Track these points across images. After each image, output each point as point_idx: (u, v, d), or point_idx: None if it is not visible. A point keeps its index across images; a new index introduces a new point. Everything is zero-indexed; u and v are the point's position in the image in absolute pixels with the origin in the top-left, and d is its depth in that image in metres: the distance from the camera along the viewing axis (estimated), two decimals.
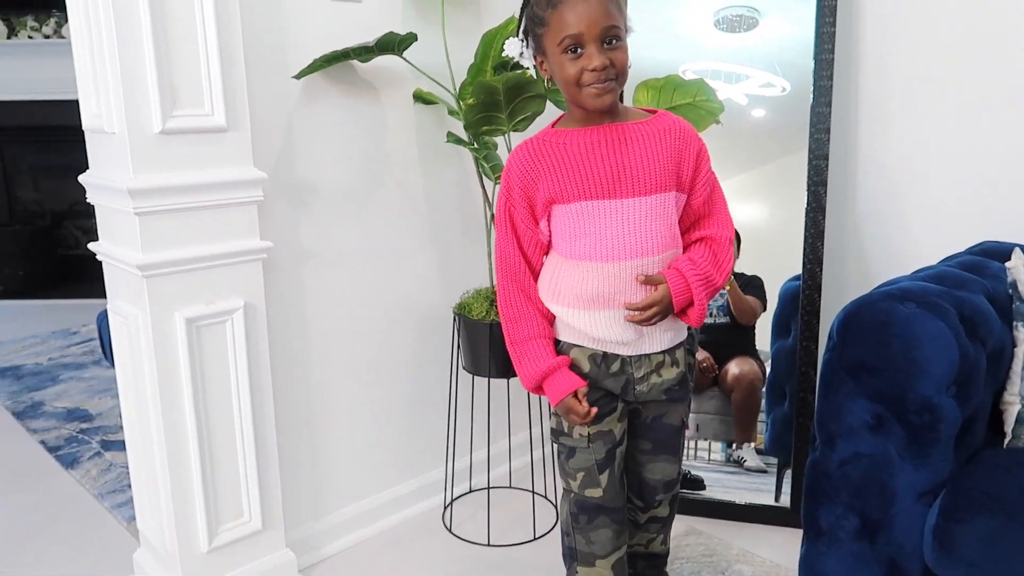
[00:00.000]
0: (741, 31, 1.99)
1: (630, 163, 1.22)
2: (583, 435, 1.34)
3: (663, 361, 1.33)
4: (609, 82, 1.17)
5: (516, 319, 1.31)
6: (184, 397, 1.46)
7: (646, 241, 1.24)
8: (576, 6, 1.14)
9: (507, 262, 1.31)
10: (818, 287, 1.95)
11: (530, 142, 1.26)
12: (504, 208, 1.29)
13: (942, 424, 1.25)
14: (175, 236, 1.41)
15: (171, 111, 1.36)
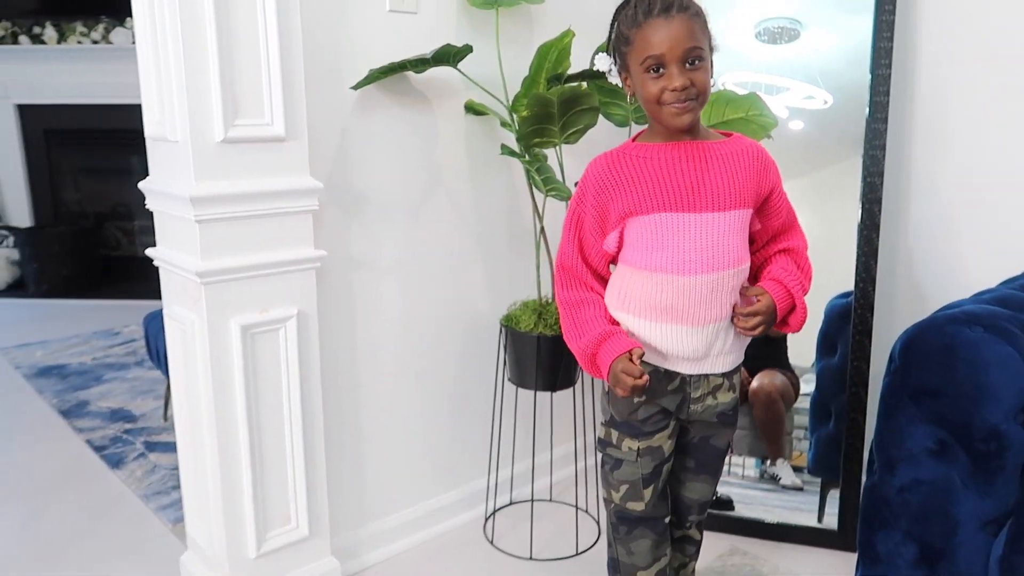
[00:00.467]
0: (783, 43, 1.98)
1: (711, 179, 1.23)
2: (632, 449, 1.34)
3: (721, 384, 1.33)
4: (689, 102, 1.17)
5: (573, 306, 1.30)
6: (237, 403, 1.47)
7: (722, 255, 1.24)
8: (659, 27, 1.15)
9: (566, 263, 1.31)
10: (870, 306, 1.91)
11: (611, 154, 1.27)
12: (575, 214, 1.29)
13: (1009, 452, 1.21)
14: (233, 244, 1.42)
15: (233, 120, 1.38)
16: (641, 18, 1.16)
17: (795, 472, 2.06)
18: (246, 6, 1.36)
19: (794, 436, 2.09)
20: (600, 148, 2.01)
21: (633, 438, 1.34)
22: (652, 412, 1.32)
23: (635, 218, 1.24)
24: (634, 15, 1.18)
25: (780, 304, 1.28)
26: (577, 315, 1.30)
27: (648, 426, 1.33)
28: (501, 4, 1.73)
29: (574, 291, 1.31)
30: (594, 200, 1.26)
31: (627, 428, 1.34)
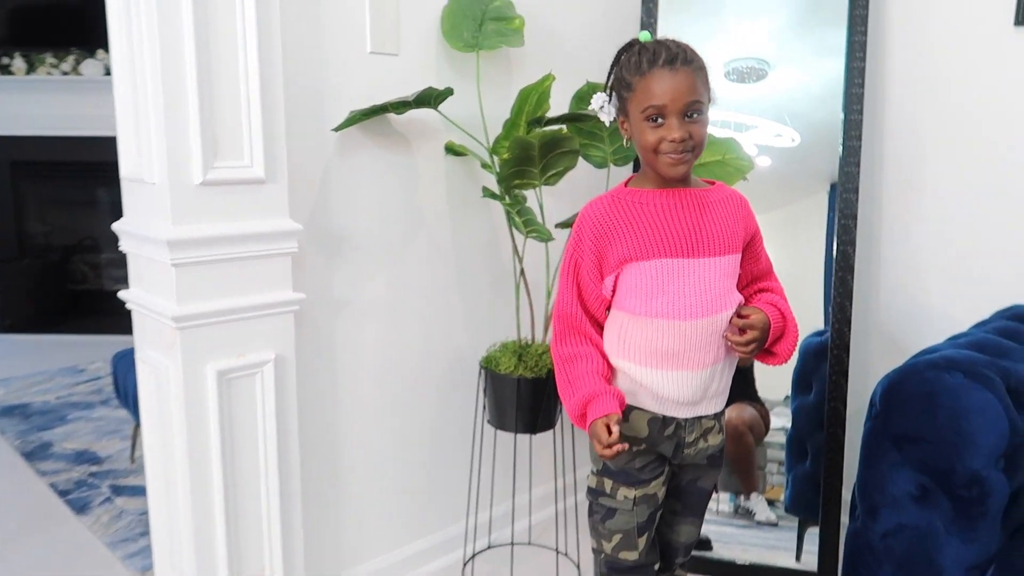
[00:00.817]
0: (751, 82, 2.02)
1: (706, 225, 1.24)
2: (628, 497, 1.33)
3: (712, 427, 1.33)
4: (686, 153, 1.19)
5: (570, 359, 1.28)
6: (211, 449, 1.43)
7: (719, 299, 1.25)
8: (663, 78, 1.16)
9: (565, 311, 1.29)
10: (846, 347, 1.93)
11: (606, 198, 1.27)
12: (571, 261, 1.28)
13: (991, 498, 1.22)
14: (210, 287, 1.39)
15: (212, 162, 1.36)
16: (646, 67, 1.17)
17: (770, 506, 2.06)
18: (227, 47, 1.35)
19: (768, 471, 2.09)
20: (580, 189, 2.03)
21: (629, 487, 1.32)
22: (649, 460, 1.31)
23: (635, 263, 1.23)
24: (638, 62, 1.19)
25: (774, 322, 1.27)
26: (572, 371, 1.28)
27: (645, 474, 1.31)
28: (482, 47, 1.74)
29: (570, 345, 1.29)
30: (592, 244, 1.25)
31: (623, 477, 1.32)
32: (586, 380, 1.26)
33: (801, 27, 1.99)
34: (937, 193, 1.98)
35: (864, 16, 1.90)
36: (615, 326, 1.29)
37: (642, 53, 1.19)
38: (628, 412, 1.29)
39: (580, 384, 1.26)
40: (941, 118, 1.95)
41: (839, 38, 1.92)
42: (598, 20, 2.12)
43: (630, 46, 1.23)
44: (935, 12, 1.92)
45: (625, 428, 1.28)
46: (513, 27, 1.77)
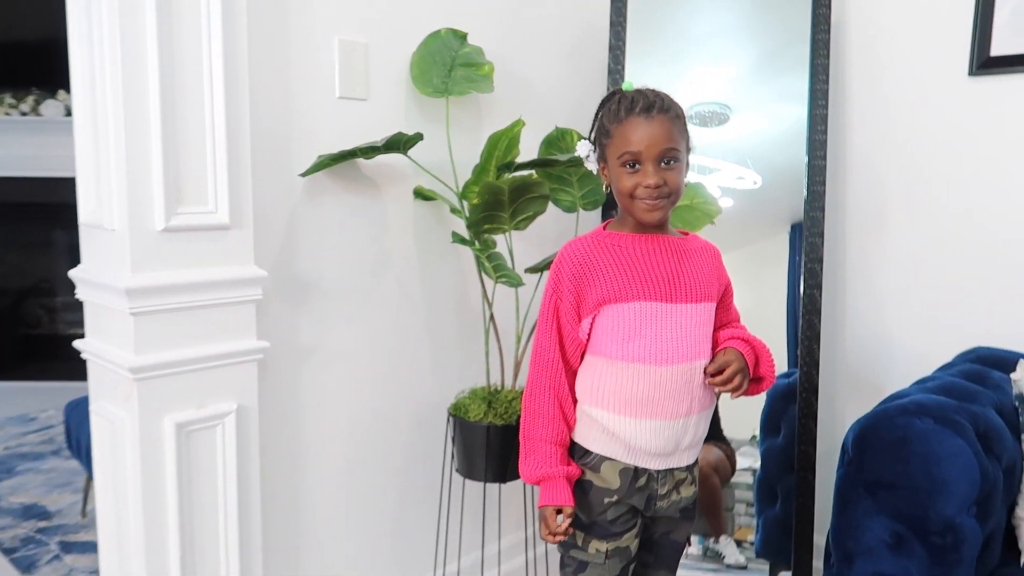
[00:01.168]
0: (713, 126, 2.06)
1: (684, 272, 1.25)
2: (600, 551, 1.30)
3: (684, 479, 1.31)
4: (661, 200, 1.20)
5: (537, 416, 1.29)
6: (168, 504, 1.37)
7: (695, 346, 1.24)
8: (639, 125, 1.18)
9: (544, 357, 1.28)
10: (815, 389, 1.94)
11: (585, 239, 1.28)
12: (551, 304, 1.27)
13: (965, 545, 1.22)
14: (170, 337, 1.35)
15: (175, 208, 1.32)
16: (623, 114, 1.20)
17: (739, 547, 2.04)
18: (193, 90, 1.33)
19: (736, 512, 2.07)
20: (549, 234, 2.03)
21: (601, 540, 1.29)
22: (621, 512, 1.29)
23: (612, 305, 1.23)
24: (617, 110, 1.21)
25: (744, 352, 1.26)
26: (537, 430, 1.28)
27: (617, 526, 1.29)
28: (451, 93, 1.74)
29: (544, 399, 1.28)
30: (571, 284, 1.25)
31: (596, 529, 1.29)
32: (546, 452, 1.27)
33: (761, 74, 2.04)
34: (897, 237, 2.02)
35: (826, 65, 1.95)
36: (589, 372, 1.28)
37: (621, 101, 1.22)
38: (599, 463, 1.28)
39: (540, 455, 1.27)
40: (900, 164, 2.00)
41: (798, 84, 1.97)
42: (567, 66, 2.15)
43: (611, 96, 1.26)
44: (893, 61, 1.98)
45: (597, 480, 1.28)
46: (483, 73, 1.78)
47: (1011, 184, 1.85)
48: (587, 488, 1.28)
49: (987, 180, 1.88)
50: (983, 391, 1.46)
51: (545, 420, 1.28)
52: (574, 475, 1.28)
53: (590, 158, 1.30)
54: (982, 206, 1.89)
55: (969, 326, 1.91)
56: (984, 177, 1.88)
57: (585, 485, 1.28)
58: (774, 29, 2.03)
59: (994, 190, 1.87)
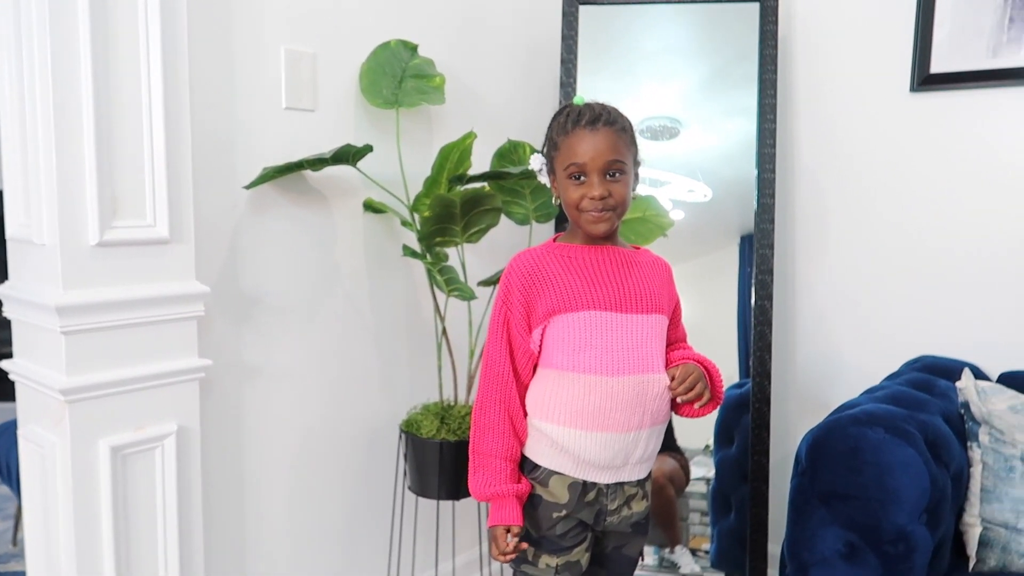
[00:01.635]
0: (664, 140, 2.08)
1: (634, 283, 1.25)
2: (550, 565, 1.28)
3: (635, 494, 1.29)
4: (606, 212, 1.20)
5: (488, 430, 1.27)
6: (103, 534, 1.30)
7: (646, 358, 1.23)
8: (585, 138, 1.19)
9: (494, 371, 1.27)
10: (767, 400, 1.95)
11: (534, 250, 1.27)
12: (501, 315, 1.26)
13: (916, 553, 1.23)
14: (105, 356, 1.28)
15: (110, 222, 1.26)
16: (569, 127, 1.20)
17: (694, 556, 2.04)
18: (130, 99, 1.27)
19: (690, 520, 2.08)
20: (502, 247, 2.01)
21: (551, 554, 1.28)
22: (571, 526, 1.27)
23: (562, 315, 1.22)
24: (564, 123, 1.22)
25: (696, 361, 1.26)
26: (486, 445, 1.26)
27: (567, 540, 1.27)
28: (401, 105, 1.71)
29: (493, 413, 1.26)
30: (520, 295, 1.24)
31: (546, 544, 1.28)
32: (496, 468, 1.25)
33: (710, 89, 2.07)
34: (843, 249, 2.05)
35: (774, 80, 1.98)
36: (540, 385, 1.27)
37: (569, 115, 1.23)
38: (548, 478, 1.26)
39: (490, 471, 1.25)
40: (844, 179, 2.04)
41: (747, 100, 2.00)
42: (519, 79, 2.14)
43: (563, 109, 1.26)
44: (838, 77, 2.03)
45: (545, 495, 1.26)
46: (434, 85, 1.75)
47: (950, 198, 1.90)
48: (536, 503, 1.27)
49: (927, 194, 1.93)
50: (930, 399, 1.48)
51: (494, 434, 1.26)
52: (524, 492, 1.27)
53: (543, 171, 1.30)
54: (923, 219, 1.93)
55: (914, 335, 1.95)
56: (924, 191, 1.93)
57: (535, 500, 1.27)
58: (723, 46, 2.06)
59: (934, 204, 1.92)
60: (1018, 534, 1.37)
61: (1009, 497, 1.39)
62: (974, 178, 1.86)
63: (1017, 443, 1.40)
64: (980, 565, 1.40)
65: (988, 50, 1.81)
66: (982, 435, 1.44)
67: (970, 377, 1.52)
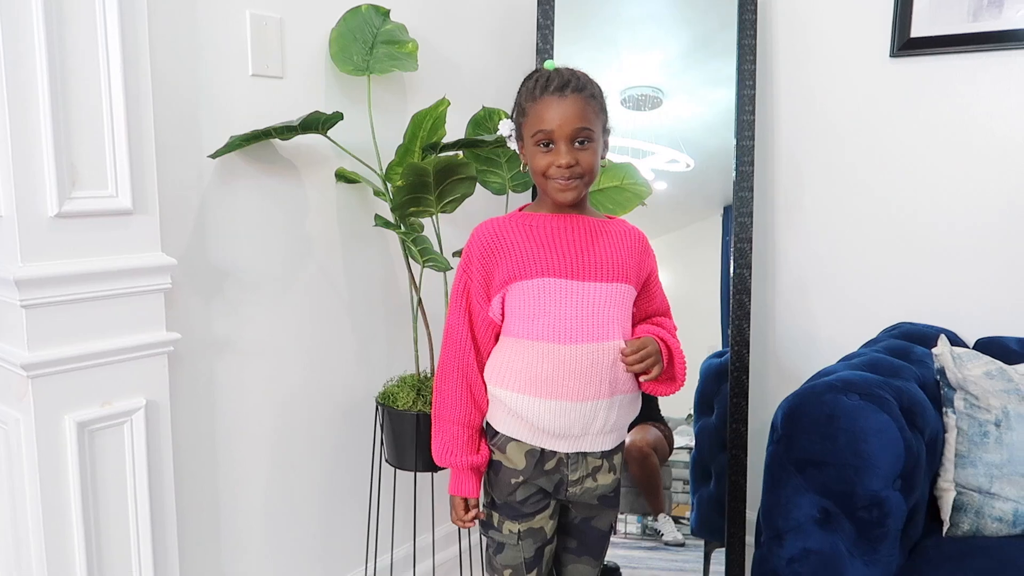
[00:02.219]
0: (646, 110, 2.05)
1: (595, 251, 1.24)
2: (512, 531, 1.30)
3: (600, 466, 1.28)
4: (574, 180, 1.20)
5: (448, 398, 1.29)
6: (72, 512, 1.28)
7: (603, 326, 1.22)
8: (552, 104, 1.17)
9: (454, 338, 1.28)
10: (746, 368, 1.95)
11: (497, 220, 1.27)
12: (462, 284, 1.26)
13: (890, 519, 1.23)
14: (69, 330, 1.25)
15: (69, 192, 1.23)
16: (538, 93, 1.19)
17: (677, 524, 2.06)
18: (86, 63, 1.23)
19: (673, 489, 2.09)
20: (479, 217, 1.96)
21: (513, 520, 1.29)
22: (531, 492, 1.28)
23: (518, 283, 1.22)
24: (532, 89, 1.20)
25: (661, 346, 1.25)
26: (445, 411, 1.28)
27: (527, 507, 1.28)
28: (373, 71, 1.67)
29: (452, 381, 1.28)
30: (480, 263, 1.24)
31: (507, 510, 1.29)
32: (456, 436, 1.27)
33: (692, 58, 2.04)
34: (823, 217, 2.04)
35: (752, 45, 1.95)
36: (499, 353, 1.27)
37: (537, 81, 1.21)
38: (505, 444, 1.27)
39: (450, 439, 1.28)
40: (823, 145, 2.02)
41: (729, 69, 1.97)
42: (494, 45, 2.09)
43: (532, 74, 1.24)
44: (817, 42, 2.00)
45: (504, 460, 1.28)
46: (406, 51, 1.71)
47: (930, 164, 1.88)
48: (497, 468, 1.29)
49: (907, 161, 1.91)
50: (907, 366, 1.48)
51: (452, 401, 1.28)
52: (481, 463, 1.29)
53: (512, 137, 1.28)
54: (903, 186, 1.92)
55: (893, 302, 1.95)
56: (904, 158, 1.91)
57: (495, 465, 1.29)
58: (706, 14, 2.03)
59: (914, 170, 1.91)
60: (991, 498, 1.38)
61: (983, 462, 1.39)
62: (954, 144, 1.85)
63: (992, 408, 1.41)
64: (954, 530, 1.41)
65: (968, 14, 1.79)
66: (957, 401, 1.44)
67: (946, 343, 1.52)
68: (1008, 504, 1.37)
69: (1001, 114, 1.79)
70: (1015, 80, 1.77)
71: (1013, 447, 1.38)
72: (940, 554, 1.32)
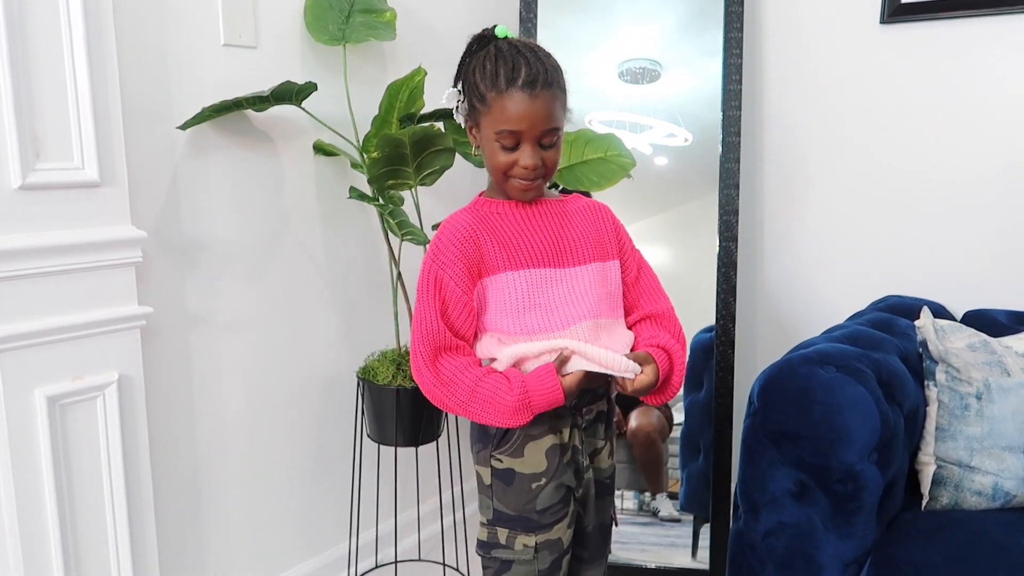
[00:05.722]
0: (644, 83, 2.02)
1: (570, 235, 1.20)
2: (528, 546, 1.19)
3: (603, 447, 1.27)
4: (537, 180, 1.15)
5: (449, 381, 1.14)
6: (44, 489, 1.27)
7: (592, 305, 1.18)
8: (521, 102, 1.09)
9: (428, 328, 1.15)
10: (731, 343, 1.93)
11: (466, 212, 1.20)
12: (431, 276, 1.16)
13: (865, 492, 1.22)
14: (36, 304, 1.24)
15: (33, 164, 1.21)
16: (503, 84, 1.09)
17: (673, 502, 2.06)
18: (48, 30, 1.20)
19: (669, 466, 2.08)
20: (462, 189, 1.96)
21: (528, 533, 1.19)
22: (553, 500, 1.19)
23: (503, 274, 1.16)
24: (495, 75, 1.10)
25: (661, 364, 1.18)
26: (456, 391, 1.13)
27: (547, 517, 1.19)
28: (348, 41, 1.64)
29: (445, 363, 1.14)
30: (457, 252, 1.15)
31: (520, 523, 1.19)
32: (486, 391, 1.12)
33: (689, 30, 1.99)
34: (812, 189, 2.01)
35: (740, 13, 1.91)
36: (486, 352, 1.20)
37: (500, 66, 1.10)
38: (523, 446, 1.18)
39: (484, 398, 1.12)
40: (814, 115, 1.98)
41: None
42: (475, 14, 2.06)
43: (484, 42, 1.15)
44: (806, 10, 1.95)
45: (516, 466, 1.19)
46: (384, 20, 1.68)
47: (921, 133, 1.85)
48: (508, 478, 1.19)
49: (898, 130, 1.88)
50: (888, 339, 1.46)
51: (460, 375, 1.14)
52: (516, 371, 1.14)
53: (459, 109, 1.18)
54: (894, 155, 1.89)
55: (884, 274, 1.93)
56: (895, 127, 1.88)
57: (505, 475, 1.19)
58: None
59: (905, 139, 1.87)
60: (971, 472, 1.37)
61: (963, 435, 1.38)
62: (945, 112, 1.82)
63: (973, 381, 1.39)
64: (933, 503, 1.39)
65: None
66: (939, 373, 1.43)
67: (928, 316, 1.50)
68: (988, 478, 1.36)
69: (993, 80, 1.75)
70: (1006, 46, 1.73)
71: (994, 420, 1.36)
72: (917, 528, 1.31)
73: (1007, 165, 1.75)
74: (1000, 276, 1.78)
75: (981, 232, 1.80)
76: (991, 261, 1.79)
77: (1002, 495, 1.36)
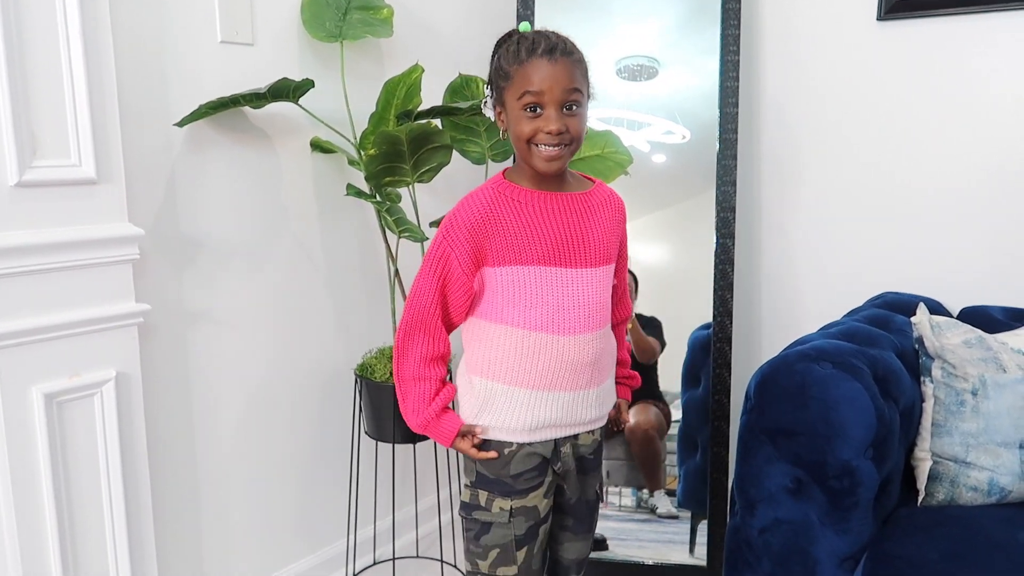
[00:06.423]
0: (642, 80, 2.01)
1: (588, 234, 1.20)
2: (504, 509, 1.24)
3: None
4: (562, 147, 1.14)
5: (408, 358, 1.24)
6: (41, 483, 1.28)
7: (599, 312, 1.21)
8: (542, 66, 1.11)
9: (421, 303, 1.21)
10: (728, 339, 1.94)
11: (486, 192, 1.19)
12: (440, 251, 1.18)
13: (861, 488, 1.22)
14: (33, 301, 1.24)
15: (29, 161, 1.21)
16: (524, 55, 1.12)
17: (669, 497, 2.06)
18: (44, 28, 1.20)
19: (667, 463, 2.08)
20: (459, 186, 1.96)
21: (505, 497, 1.23)
22: (527, 467, 1.23)
23: (512, 267, 1.17)
24: (516, 51, 1.14)
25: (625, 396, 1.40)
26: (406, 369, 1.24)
27: (521, 483, 1.23)
28: (346, 38, 1.64)
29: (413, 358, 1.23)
30: (469, 234, 1.16)
31: (498, 487, 1.24)
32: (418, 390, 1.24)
33: (687, 27, 1.99)
34: (811, 185, 2.01)
35: (737, 10, 1.91)
36: (483, 342, 1.22)
37: (521, 43, 1.14)
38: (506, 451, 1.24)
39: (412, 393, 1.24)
40: (811, 112, 1.99)
41: None
42: (473, 11, 2.06)
43: (509, 36, 1.18)
44: (803, 7, 1.95)
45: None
46: (381, 17, 1.68)
47: (918, 129, 1.85)
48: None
49: (896, 126, 1.88)
50: (885, 335, 1.46)
51: (420, 381, 1.24)
52: (447, 398, 1.25)
53: (487, 103, 1.22)
54: (892, 152, 1.89)
55: (880, 271, 1.93)
56: (892, 124, 1.88)
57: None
58: None
59: (902, 135, 1.87)
60: (967, 468, 1.37)
61: (959, 431, 1.38)
62: (943, 109, 1.82)
63: (969, 377, 1.39)
64: (929, 499, 1.40)
65: None
66: (935, 370, 1.43)
67: (925, 312, 1.50)
68: (983, 473, 1.36)
69: (990, 77, 1.76)
70: (1004, 42, 1.73)
71: (989, 416, 1.36)
72: (912, 524, 1.32)
73: (1005, 160, 1.76)
74: (997, 273, 1.79)
75: (978, 229, 1.80)
76: (988, 258, 1.80)
77: (998, 491, 1.36)
